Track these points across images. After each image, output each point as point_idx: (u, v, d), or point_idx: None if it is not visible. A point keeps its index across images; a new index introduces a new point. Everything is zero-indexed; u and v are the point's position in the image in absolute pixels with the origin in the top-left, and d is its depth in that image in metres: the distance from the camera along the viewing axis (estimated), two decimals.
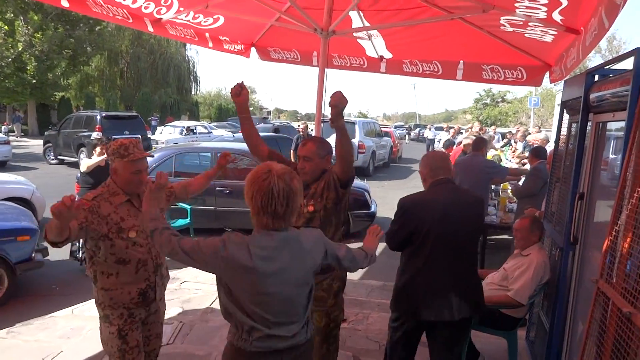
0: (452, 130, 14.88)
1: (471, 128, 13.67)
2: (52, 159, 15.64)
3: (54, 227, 1.93)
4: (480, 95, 51.37)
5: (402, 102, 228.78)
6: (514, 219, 5.00)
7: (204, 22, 4.76)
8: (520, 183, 5.92)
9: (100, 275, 2.26)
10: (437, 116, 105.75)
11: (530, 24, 3.25)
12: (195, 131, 20.07)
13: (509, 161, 9.72)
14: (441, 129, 23.69)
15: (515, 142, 12.96)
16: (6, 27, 22.25)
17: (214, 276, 1.70)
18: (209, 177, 2.76)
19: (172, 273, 5.19)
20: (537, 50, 4.17)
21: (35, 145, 21.84)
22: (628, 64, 2.12)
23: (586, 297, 2.54)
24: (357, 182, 7.96)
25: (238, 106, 2.75)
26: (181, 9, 4.29)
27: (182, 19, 4.55)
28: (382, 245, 2.44)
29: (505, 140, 14.22)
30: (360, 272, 5.77)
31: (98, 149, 5.50)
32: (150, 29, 4.42)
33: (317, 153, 2.61)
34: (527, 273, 2.92)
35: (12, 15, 22.71)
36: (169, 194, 2.51)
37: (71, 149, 14.71)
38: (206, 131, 21.33)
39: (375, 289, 5.01)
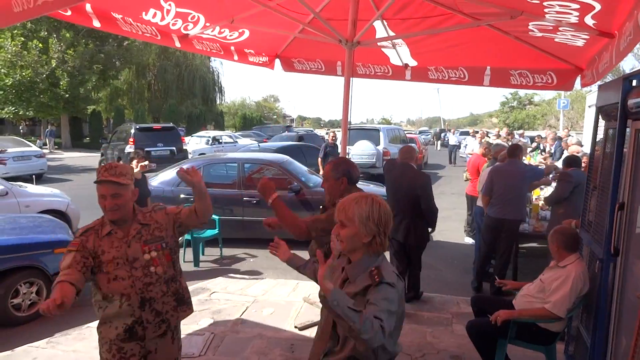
0: (478, 135, 14.63)
1: (498, 134, 13.43)
2: None
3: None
4: (506, 98, 50.45)
5: (426, 106, 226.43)
6: (547, 226, 4.86)
7: (230, 36, 4.84)
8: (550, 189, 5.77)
9: (95, 306, 2.21)
10: (462, 120, 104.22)
11: (560, 28, 3.17)
12: (221, 141, 20.39)
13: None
14: (467, 133, 23.17)
15: (544, 147, 12.64)
16: (40, 45, 23.17)
17: (243, 287, 1.76)
18: (199, 198, 2.41)
19: (202, 283, 5.31)
20: (567, 54, 4.06)
21: (69, 157, 22.63)
22: None
23: (630, 311, 2.43)
24: (383, 190, 7.91)
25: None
26: (207, 24, 4.37)
27: (208, 34, 4.64)
28: None
29: (534, 144, 13.88)
30: None
31: (135, 162, 5.60)
32: (178, 44, 4.51)
33: (331, 175, 2.77)
34: (565, 285, 2.82)
35: (45, 33, 23.67)
36: (177, 219, 2.36)
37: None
38: (232, 140, 21.65)
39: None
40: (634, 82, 2.49)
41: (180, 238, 2.51)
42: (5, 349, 3.74)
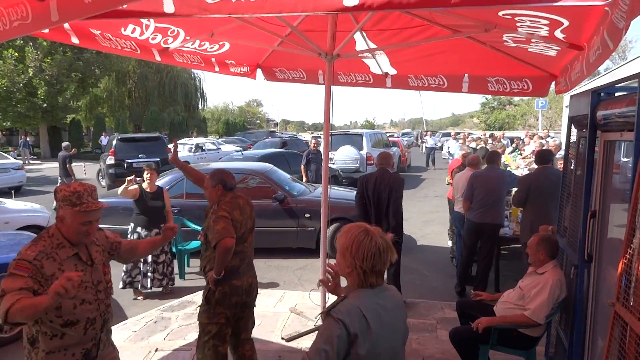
0: (460, 138, 14.83)
1: (481, 138, 13.64)
2: (103, 183, 14.95)
3: (37, 309, 1.81)
4: (487, 99, 51.24)
5: (409, 108, 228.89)
6: (520, 230, 5.00)
7: (210, 48, 4.85)
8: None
9: (43, 336, 2.04)
10: (444, 121, 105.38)
11: (533, 40, 3.27)
12: (204, 148, 20.25)
13: (520, 168, 9.67)
14: (448, 135, 23.34)
15: (523, 146, 12.89)
16: (16, 54, 22.77)
17: None
18: (154, 244, 2.66)
19: (188, 297, 5.28)
20: (541, 62, 4.18)
21: (48, 168, 22.19)
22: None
23: (605, 314, 2.52)
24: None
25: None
26: (187, 38, 4.38)
27: (188, 47, 4.64)
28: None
29: (514, 145, 14.16)
30: None
31: (147, 175, 5.48)
32: (158, 58, 4.50)
33: (209, 184, 3.14)
34: (543, 292, 2.91)
35: (21, 41, 23.25)
36: (114, 248, 2.39)
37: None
38: (215, 147, 21.51)
39: None
40: (602, 95, 2.59)
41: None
42: None
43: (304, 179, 9.90)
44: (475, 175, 5.30)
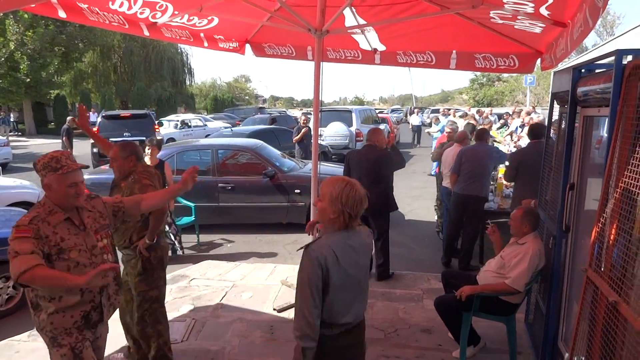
0: (451, 114, 14.88)
1: (467, 114, 13.73)
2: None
3: (62, 284, 1.95)
4: (476, 75, 51.15)
5: (398, 84, 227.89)
6: (510, 204, 5.13)
7: (199, 23, 4.81)
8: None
9: (42, 300, 2.13)
10: (434, 97, 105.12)
11: (519, 17, 3.33)
12: (190, 125, 20.03)
13: (507, 144, 9.82)
14: (437, 111, 23.27)
15: (509, 121, 13.02)
16: None
17: (221, 272, 1.95)
18: (172, 192, 2.73)
19: (181, 271, 5.39)
20: (527, 39, 4.24)
21: (34, 145, 21.90)
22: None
23: (579, 280, 2.67)
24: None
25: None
26: (176, 12, 4.34)
27: (177, 22, 4.60)
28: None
29: (502, 121, 14.30)
30: None
31: (149, 150, 5.46)
32: (146, 33, 4.47)
33: (119, 155, 3.13)
34: (524, 262, 3.05)
35: (1, 15, 22.51)
36: (117, 209, 2.43)
37: None
38: (201, 124, 21.28)
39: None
40: (583, 72, 2.67)
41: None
42: None
43: (297, 151, 10.18)
44: (464, 150, 5.42)
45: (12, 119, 28.39)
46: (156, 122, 13.95)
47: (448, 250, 5.56)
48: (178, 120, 20.00)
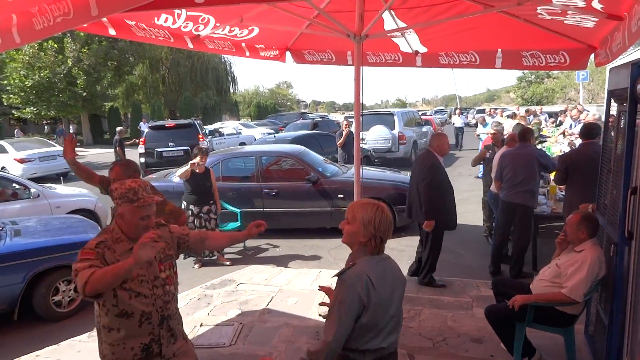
0: (497, 114, 14.38)
1: (515, 114, 13.24)
2: None
3: (118, 274, 1.90)
4: (523, 73, 49.08)
5: (442, 84, 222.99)
6: (562, 208, 4.87)
7: (240, 34, 4.91)
8: None
9: (104, 329, 2.17)
10: (479, 97, 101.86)
11: (569, 12, 3.16)
12: (222, 133, 20.13)
13: (560, 144, 9.36)
14: (483, 111, 22.48)
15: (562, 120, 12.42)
16: (56, 45, 23.62)
17: (267, 277, 1.96)
18: (233, 239, 2.70)
19: (229, 275, 5.51)
20: (578, 34, 4.02)
21: (91, 154, 23.17)
22: None
23: None
24: (400, 176, 7.97)
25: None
26: (217, 24, 4.45)
27: (219, 33, 4.72)
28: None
29: (552, 120, 13.65)
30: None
31: (198, 158, 5.85)
32: (191, 45, 4.61)
33: (123, 175, 3.10)
34: (582, 270, 2.87)
35: (60, 33, 24.01)
36: (182, 241, 2.40)
37: None
38: (235, 132, 21.40)
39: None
40: None
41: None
42: (50, 344, 4.00)
43: (340, 154, 10.31)
44: (504, 154, 5.21)
45: (71, 131, 30.25)
46: (201, 131, 14.08)
47: (495, 258, 5.33)
48: (208, 130, 19.78)
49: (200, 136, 13.50)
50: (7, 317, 4.41)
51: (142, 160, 12.96)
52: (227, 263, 6.08)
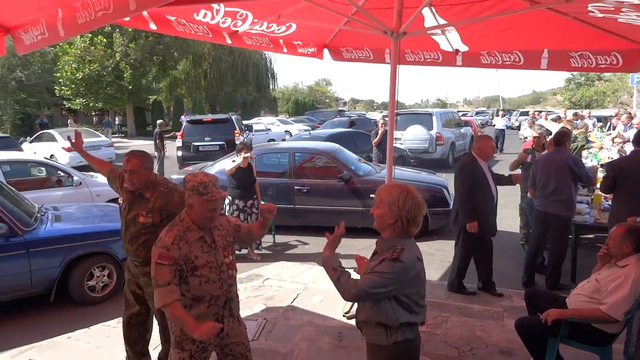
0: (542, 117, 13.82)
1: (560, 117, 12.67)
2: None
3: (183, 325, 2.17)
4: (572, 74, 46.94)
5: (484, 85, 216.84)
6: (608, 218, 4.59)
7: (277, 30, 4.91)
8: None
9: None
10: (524, 98, 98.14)
11: (623, 9, 2.95)
12: (251, 129, 20.10)
13: (608, 150, 8.87)
14: (526, 114, 21.65)
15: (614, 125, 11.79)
16: (105, 40, 24.64)
17: (294, 274, 2.02)
18: (262, 226, 2.77)
19: (256, 270, 5.54)
20: (633, 33, 3.78)
21: (134, 145, 24.00)
22: None
23: None
24: (435, 178, 7.79)
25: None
26: (255, 20, 4.47)
27: (256, 29, 4.74)
28: None
29: (600, 124, 12.96)
30: (439, 272, 5.66)
31: (243, 152, 6.01)
32: (229, 41, 4.66)
33: (142, 166, 3.06)
34: (624, 287, 2.68)
35: (109, 28, 25.06)
36: (236, 231, 2.56)
37: None
38: (264, 128, 21.57)
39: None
40: None
41: None
42: (81, 326, 4.16)
43: (375, 153, 10.29)
44: (538, 160, 4.98)
45: (117, 122, 31.56)
46: (237, 126, 14.11)
47: (529, 269, 5.08)
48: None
49: (236, 131, 13.62)
50: (45, 298, 4.62)
51: (179, 153, 13.15)
52: (257, 258, 6.13)
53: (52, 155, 14.45)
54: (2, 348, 3.84)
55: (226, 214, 3.79)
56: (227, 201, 6.02)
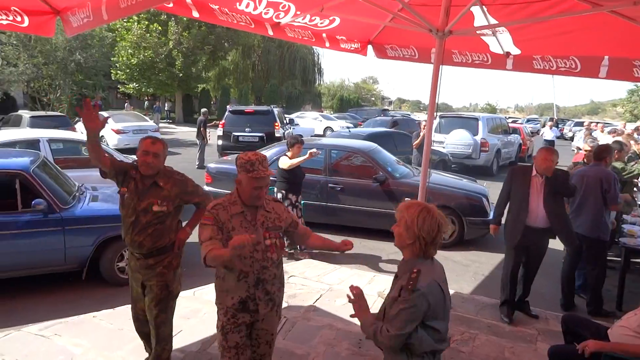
0: (597, 129, 13.03)
1: (617, 130, 11.85)
2: None
3: (222, 258, 2.21)
4: (636, 85, 43.97)
5: (538, 91, 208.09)
6: None
7: (320, 23, 4.81)
8: None
9: (216, 279, 2.51)
10: (580, 108, 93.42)
11: None
12: (293, 122, 20.22)
13: None
14: (581, 124, 20.56)
15: None
16: (160, 28, 25.43)
17: (320, 273, 1.98)
18: (326, 246, 2.78)
19: (286, 267, 5.47)
20: None
21: (180, 131, 24.72)
22: None
23: None
24: (475, 185, 7.46)
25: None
26: (298, 12, 4.39)
27: (299, 22, 4.66)
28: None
29: None
30: (471, 285, 5.41)
31: (295, 147, 5.93)
32: (271, 32, 4.61)
33: (165, 152, 3.07)
34: None
35: (165, 16, 25.84)
36: (292, 227, 2.63)
37: None
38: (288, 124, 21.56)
39: (487, 306, 4.63)
40: None
41: None
42: (108, 307, 4.25)
43: (414, 155, 10.05)
44: (574, 174, 4.63)
45: (166, 108, 32.63)
46: (277, 119, 14.04)
47: (566, 290, 4.77)
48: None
49: (276, 124, 13.59)
50: (78, 275, 4.76)
51: (220, 142, 13.25)
52: (302, 258, 5.97)
53: (102, 137, 15.08)
54: (32, 320, 3.98)
55: None
56: (279, 195, 5.88)
